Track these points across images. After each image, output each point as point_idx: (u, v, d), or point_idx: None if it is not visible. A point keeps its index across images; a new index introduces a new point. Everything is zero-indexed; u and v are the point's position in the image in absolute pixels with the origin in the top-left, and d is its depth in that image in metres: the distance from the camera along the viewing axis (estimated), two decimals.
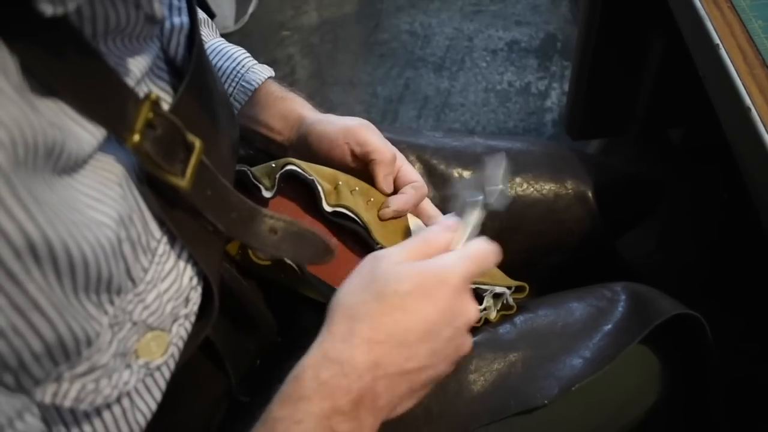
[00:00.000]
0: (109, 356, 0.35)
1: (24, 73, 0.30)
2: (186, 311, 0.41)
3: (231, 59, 0.64)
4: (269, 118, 0.64)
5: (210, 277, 0.41)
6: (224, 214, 0.41)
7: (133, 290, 0.36)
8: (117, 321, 0.35)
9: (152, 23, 0.40)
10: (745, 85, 0.56)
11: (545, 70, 1.67)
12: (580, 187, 0.72)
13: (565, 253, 0.73)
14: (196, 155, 0.38)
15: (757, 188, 0.55)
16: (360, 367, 0.39)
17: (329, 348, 0.41)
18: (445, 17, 1.84)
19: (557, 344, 0.56)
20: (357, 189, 0.58)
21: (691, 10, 0.64)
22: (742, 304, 1.07)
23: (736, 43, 0.60)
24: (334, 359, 0.40)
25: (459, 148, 0.72)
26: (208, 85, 0.46)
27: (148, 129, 0.35)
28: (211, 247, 0.42)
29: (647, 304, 0.57)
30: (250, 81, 0.63)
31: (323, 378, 0.39)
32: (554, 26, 1.78)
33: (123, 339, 0.36)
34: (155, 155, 0.35)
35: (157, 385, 0.40)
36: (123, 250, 0.35)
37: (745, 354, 1.01)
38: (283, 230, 0.44)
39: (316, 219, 0.57)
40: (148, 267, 0.37)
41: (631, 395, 0.58)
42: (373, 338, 0.40)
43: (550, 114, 1.56)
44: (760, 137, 0.53)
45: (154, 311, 0.38)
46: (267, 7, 1.90)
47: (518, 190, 0.71)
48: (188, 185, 0.37)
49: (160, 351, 0.39)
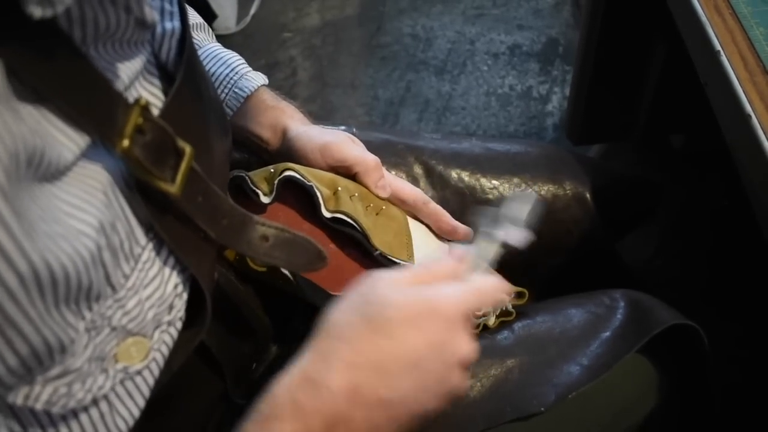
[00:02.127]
0: (83, 360, 0.34)
1: (9, 78, 0.29)
2: (169, 318, 0.40)
3: (225, 65, 0.64)
4: (258, 128, 0.64)
5: (202, 283, 0.41)
6: (215, 221, 0.41)
7: (112, 296, 0.36)
8: (95, 326, 0.35)
9: (143, 28, 0.39)
10: (745, 91, 0.56)
11: (547, 74, 1.67)
12: (579, 188, 0.72)
13: (565, 254, 0.73)
14: (186, 161, 0.37)
15: (757, 195, 0.55)
16: (335, 391, 0.38)
17: (308, 367, 0.39)
18: (447, 20, 1.84)
19: (555, 351, 0.55)
20: (356, 195, 0.58)
21: (693, 16, 0.64)
22: (740, 310, 1.07)
23: (738, 50, 0.60)
24: (311, 379, 0.38)
25: (457, 149, 0.72)
26: (200, 91, 0.45)
27: (138, 134, 0.35)
28: (202, 254, 0.42)
29: (646, 312, 0.57)
30: (242, 88, 0.63)
31: (298, 398, 0.38)
32: (556, 31, 1.78)
33: (100, 343, 0.36)
34: (145, 161, 0.35)
35: (139, 390, 0.40)
36: (103, 257, 0.34)
37: (741, 360, 1.01)
38: (275, 237, 0.44)
39: (314, 224, 0.57)
40: (129, 274, 0.37)
41: (628, 403, 0.58)
42: (353, 362, 0.38)
43: (551, 118, 1.56)
44: (760, 144, 0.53)
45: (135, 317, 0.37)
46: (269, 9, 1.91)
47: (516, 191, 0.71)
48: (178, 191, 0.37)
49: (140, 356, 0.38)
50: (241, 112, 0.64)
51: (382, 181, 0.61)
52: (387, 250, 0.55)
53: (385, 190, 0.60)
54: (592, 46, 1.13)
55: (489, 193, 0.70)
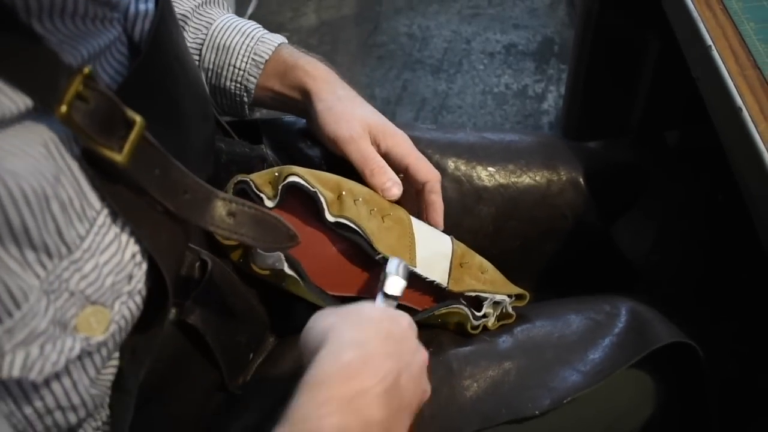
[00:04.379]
0: (47, 322, 0.34)
1: None
2: (129, 288, 0.40)
3: (241, 33, 0.64)
4: (286, 89, 0.64)
5: (158, 258, 0.40)
6: (174, 194, 0.41)
7: (68, 257, 0.36)
8: (52, 288, 0.35)
9: (105, 6, 0.40)
10: (736, 85, 0.57)
11: (542, 73, 1.67)
12: (572, 173, 0.72)
13: (561, 240, 0.73)
14: (136, 131, 0.37)
15: (749, 187, 0.55)
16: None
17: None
18: (443, 20, 1.85)
19: (552, 355, 0.56)
20: (361, 199, 0.57)
21: (685, 12, 0.65)
22: (736, 305, 1.07)
23: (728, 45, 0.61)
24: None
25: (453, 139, 0.73)
26: (173, 72, 0.46)
27: (79, 101, 0.35)
28: (161, 227, 0.41)
29: (646, 325, 0.57)
30: (260, 53, 0.64)
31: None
32: (551, 30, 1.79)
33: (61, 309, 0.36)
34: (87, 128, 0.35)
35: (95, 365, 0.39)
36: (51, 207, 0.35)
37: (738, 355, 1.02)
38: (242, 214, 0.44)
39: (318, 228, 0.57)
40: (85, 235, 0.37)
41: (623, 411, 0.58)
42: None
43: (547, 117, 1.57)
44: (751, 137, 0.54)
45: (92, 282, 0.37)
46: (266, 9, 1.91)
47: (512, 177, 0.71)
48: (125, 160, 0.37)
49: (101, 328, 0.38)
50: (265, 75, 0.64)
51: (388, 183, 0.60)
52: (391, 253, 0.55)
53: (391, 192, 0.60)
54: (587, 44, 1.14)
55: (485, 181, 0.70)
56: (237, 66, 0.64)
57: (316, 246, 0.56)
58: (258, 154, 0.66)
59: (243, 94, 0.66)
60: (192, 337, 0.49)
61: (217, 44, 0.64)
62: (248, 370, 0.56)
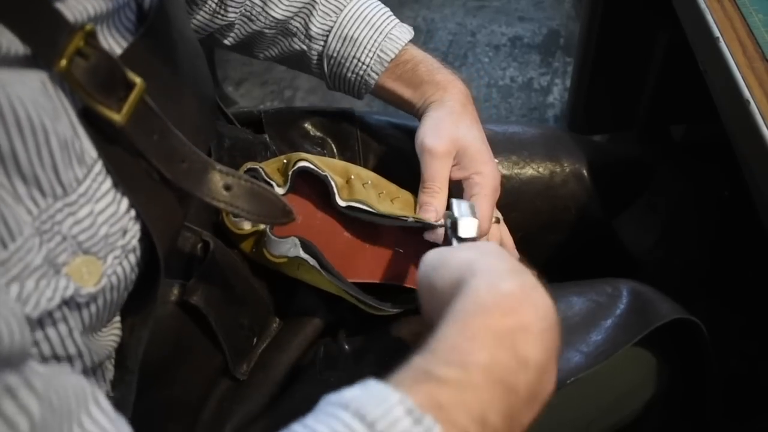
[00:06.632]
0: (41, 258, 0.34)
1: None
2: (123, 242, 0.39)
3: (371, 26, 0.64)
4: (401, 89, 0.65)
5: (150, 225, 0.40)
6: (172, 162, 0.41)
7: (63, 198, 0.35)
8: (44, 228, 0.35)
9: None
10: (744, 77, 0.56)
11: (548, 65, 1.67)
12: (575, 165, 0.72)
13: (563, 231, 0.73)
14: (136, 93, 0.37)
15: (756, 179, 0.55)
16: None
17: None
18: (448, 12, 1.84)
19: None
20: (369, 182, 0.58)
21: (692, 3, 0.64)
22: (742, 301, 1.07)
23: (736, 37, 0.60)
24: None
25: None
26: (175, 47, 0.46)
27: (79, 57, 0.35)
28: (157, 194, 0.41)
29: (647, 304, 0.57)
30: (386, 51, 0.64)
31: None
32: (557, 22, 1.78)
33: (53, 250, 0.35)
34: (86, 84, 0.35)
35: (90, 317, 0.39)
36: (50, 142, 0.34)
37: (744, 352, 1.01)
38: (238, 186, 0.44)
39: (329, 214, 0.57)
40: (82, 179, 0.36)
41: (627, 391, 0.58)
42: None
43: (552, 110, 1.56)
44: (758, 130, 0.53)
45: (86, 229, 0.37)
46: None
47: (515, 168, 0.71)
48: (123, 120, 0.37)
49: (92, 279, 0.37)
50: (387, 73, 0.65)
51: (430, 207, 0.58)
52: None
53: (426, 214, 0.57)
54: (593, 37, 1.13)
55: None
56: (361, 60, 0.64)
57: (327, 233, 0.57)
58: (261, 141, 0.66)
59: (362, 86, 0.66)
60: (195, 319, 0.50)
61: (345, 35, 0.64)
62: (252, 356, 0.56)
